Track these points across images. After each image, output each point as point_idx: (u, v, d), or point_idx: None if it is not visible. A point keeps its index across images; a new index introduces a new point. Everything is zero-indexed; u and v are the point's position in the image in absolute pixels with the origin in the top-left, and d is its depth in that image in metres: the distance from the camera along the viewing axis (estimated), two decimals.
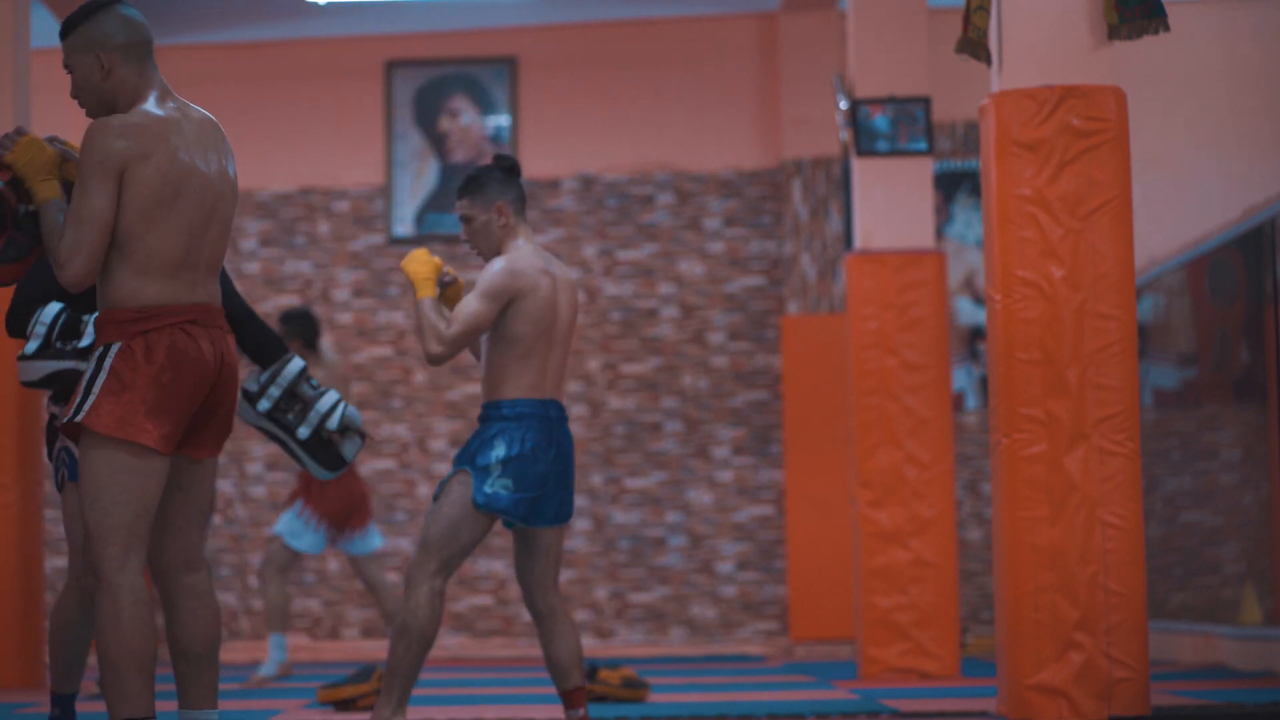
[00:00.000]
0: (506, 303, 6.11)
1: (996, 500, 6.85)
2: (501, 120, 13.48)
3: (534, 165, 13.48)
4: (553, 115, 13.53)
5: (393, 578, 12.66)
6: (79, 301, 5.65)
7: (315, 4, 12.92)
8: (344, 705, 8.08)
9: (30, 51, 10.39)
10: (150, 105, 4.75)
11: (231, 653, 13.10)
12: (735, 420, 13.32)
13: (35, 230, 4.81)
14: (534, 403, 6.07)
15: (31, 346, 5.67)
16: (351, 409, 5.76)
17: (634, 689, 8.32)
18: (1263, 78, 13.10)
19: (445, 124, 13.44)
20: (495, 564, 13.24)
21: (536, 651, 13.04)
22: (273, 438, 5.72)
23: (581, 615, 13.27)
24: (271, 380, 5.71)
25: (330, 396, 5.72)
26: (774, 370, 13.35)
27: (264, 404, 5.68)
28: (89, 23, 4.79)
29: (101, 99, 4.77)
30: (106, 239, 4.63)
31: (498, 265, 6.14)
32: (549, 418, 6.09)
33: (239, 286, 13.32)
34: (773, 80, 13.42)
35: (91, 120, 4.73)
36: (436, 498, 6.14)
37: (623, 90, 13.49)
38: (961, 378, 13.29)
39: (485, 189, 6.24)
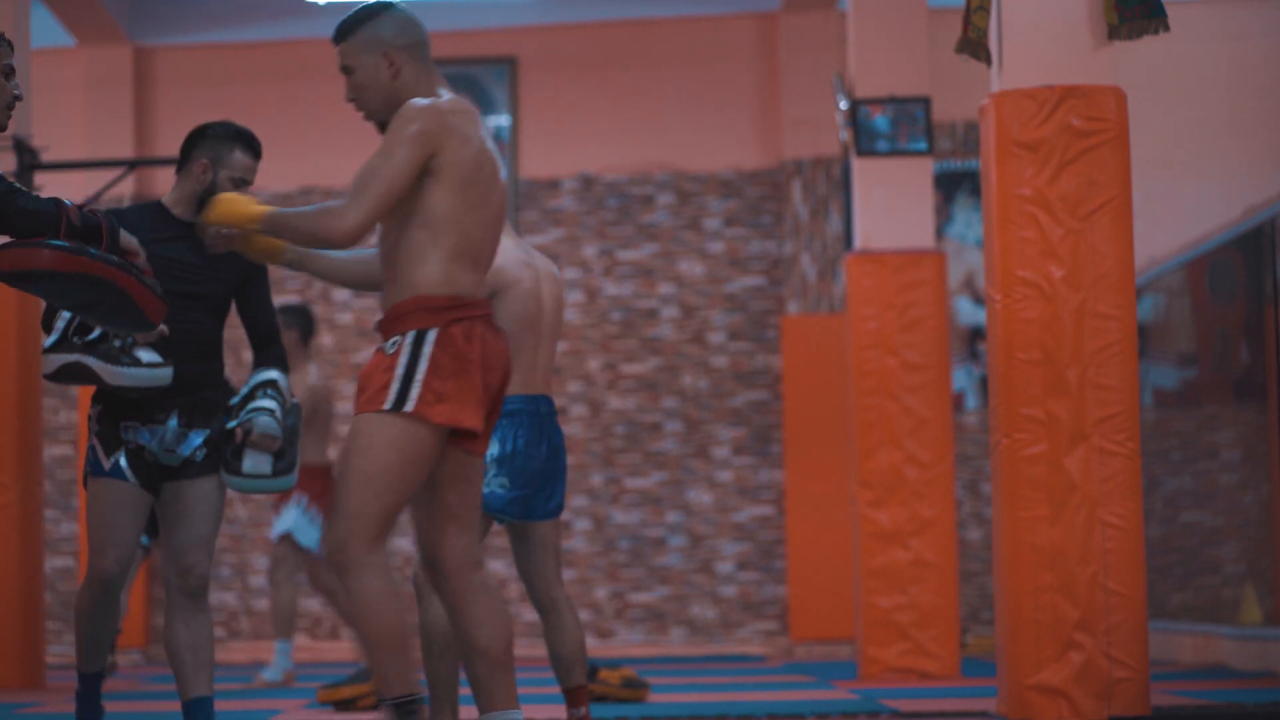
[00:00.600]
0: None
1: (996, 500, 6.85)
2: (501, 120, 13.48)
3: (534, 165, 13.48)
4: (553, 115, 13.53)
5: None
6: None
7: (315, 4, 12.91)
8: (344, 705, 8.08)
9: (30, 51, 10.39)
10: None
11: (231, 653, 13.11)
12: (735, 420, 13.32)
13: (85, 250, 4.87)
14: (524, 398, 6.02)
15: (49, 340, 5.72)
16: (267, 420, 5.70)
17: (634, 689, 8.32)
18: (1263, 78, 13.10)
19: None
20: (495, 564, 13.23)
21: (537, 651, 13.04)
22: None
23: (582, 615, 13.26)
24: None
25: (265, 403, 5.73)
26: (774, 370, 13.35)
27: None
28: (372, 24, 4.83)
29: (389, 98, 4.82)
30: (390, 205, 4.64)
31: None
32: (539, 413, 6.04)
33: None
34: (773, 80, 13.42)
35: (372, 120, 4.81)
36: None
37: (623, 90, 13.50)
38: (961, 378, 13.30)
39: None
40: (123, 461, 5.85)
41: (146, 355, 5.85)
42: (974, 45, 7.05)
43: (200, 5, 13.37)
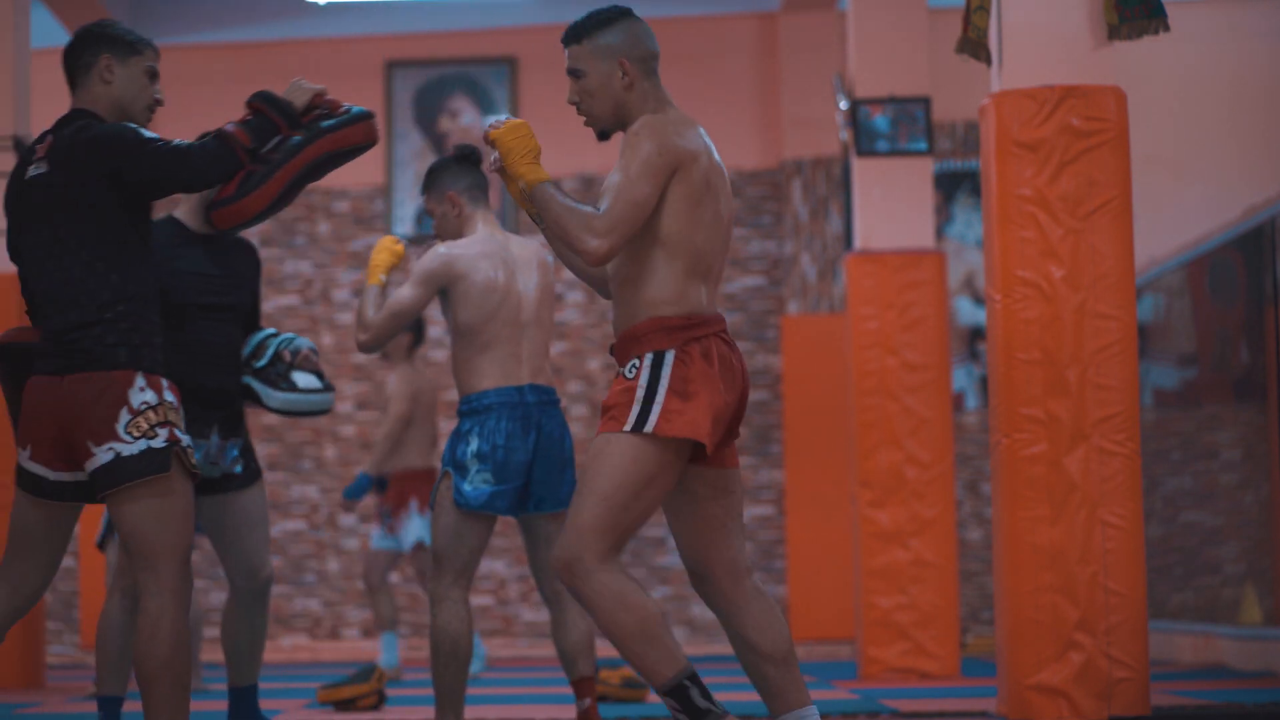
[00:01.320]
0: (439, 289, 6.03)
1: (996, 500, 6.85)
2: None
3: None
4: (553, 115, 13.51)
5: (394, 577, 12.68)
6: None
7: (315, 4, 12.92)
8: (344, 705, 8.08)
9: (30, 51, 10.38)
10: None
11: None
12: None
13: (274, 162, 4.98)
14: (506, 390, 5.95)
15: None
16: (303, 340, 6.02)
17: (634, 689, 8.32)
18: (1263, 78, 13.10)
19: (445, 124, 13.44)
20: (495, 564, 13.23)
21: (537, 651, 13.04)
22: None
23: None
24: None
25: (286, 335, 6.05)
26: (774, 370, 13.35)
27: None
28: (610, 30, 4.81)
29: (618, 107, 4.81)
30: (638, 229, 4.67)
31: (431, 252, 6.10)
32: (525, 404, 5.96)
33: None
34: (773, 80, 13.42)
35: (593, 127, 4.83)
36: (432, 506, 6.09)
37: None
38: (961, 378, 13.30)
39: (438, 182, 6.22)
40: None
41: (304, 380, 5.94)
42: (974, 45, 7.05)
43: (200, 5, 13.37)
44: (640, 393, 4.65)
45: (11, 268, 10.14)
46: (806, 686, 4.76)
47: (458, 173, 6.17)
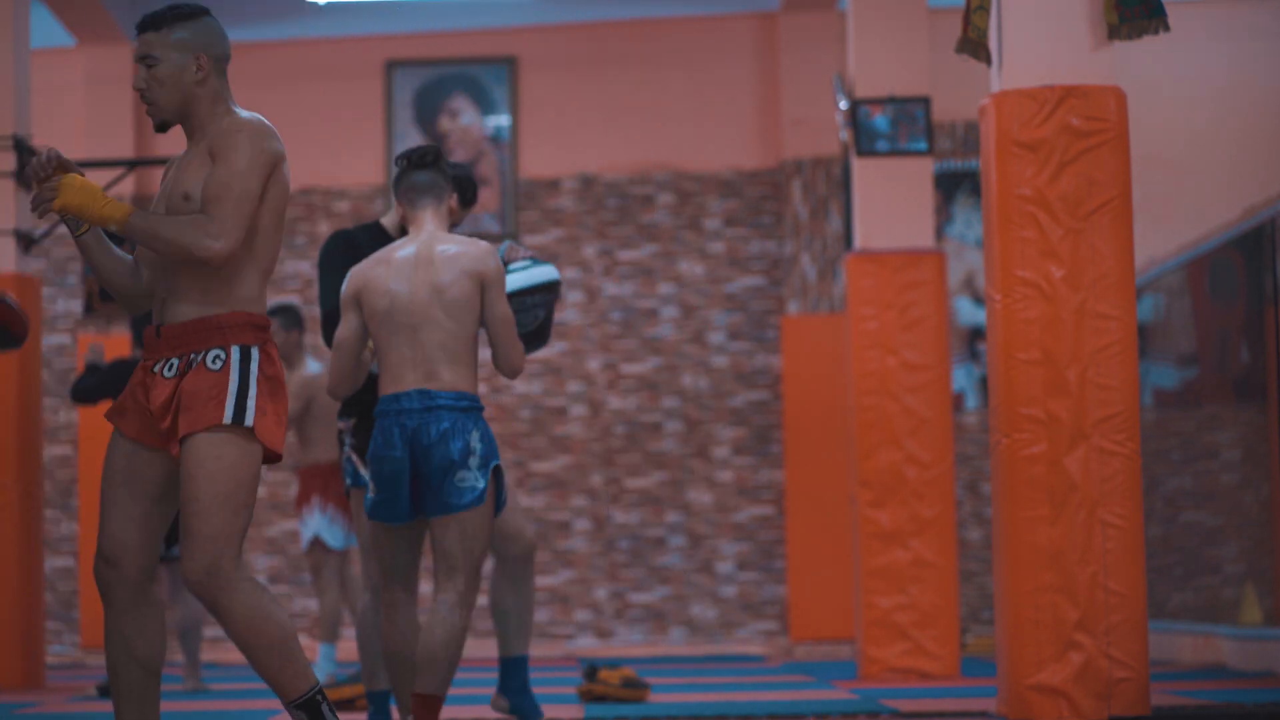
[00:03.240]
0: (357, 306, 5.96)
1: (996, 500, 6.85)
2: (501, 120, 13.48)
3: (534, 165, 13.48)
4: (552, 115, 13.54)
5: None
6: None
7: (315, 4, 12.91)
8: (344, 705, 8.08)
9: (30, 51, 10.38)
10: None
11: (231, 653, 13.10)
12: (735, 420, 13.32)
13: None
14: (385, 398, 5.86)
15: None
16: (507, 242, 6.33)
17: (634, 689, 8.32)
18: (1262, 77, 13.11)
19: (445, 124, 13.44)
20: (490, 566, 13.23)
21: (537, 651, 13.04)
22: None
23: (582, 615, 13.28)
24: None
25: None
26: (774, 370, 13.35)
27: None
28: (190, 24, 4.84)
29: (185, 101, 4.84)
30: (250, 223, 4.78)
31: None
32: (401, 410, 5.83)
33: None
34: (773, 80, 13.42)
35: None
36: None
37: (623, 90, 13.49)
38: (961, 378, 13.29)
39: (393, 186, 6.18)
40: None
41: (517, 266, 6.41)
42: (974, 45, 7.05)
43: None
44: (233, 388, 4.67)
45: (12, 267, 10.14)
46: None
47: (398, 178, 6.12)
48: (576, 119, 13.52)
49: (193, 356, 4.70)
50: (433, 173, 6.03)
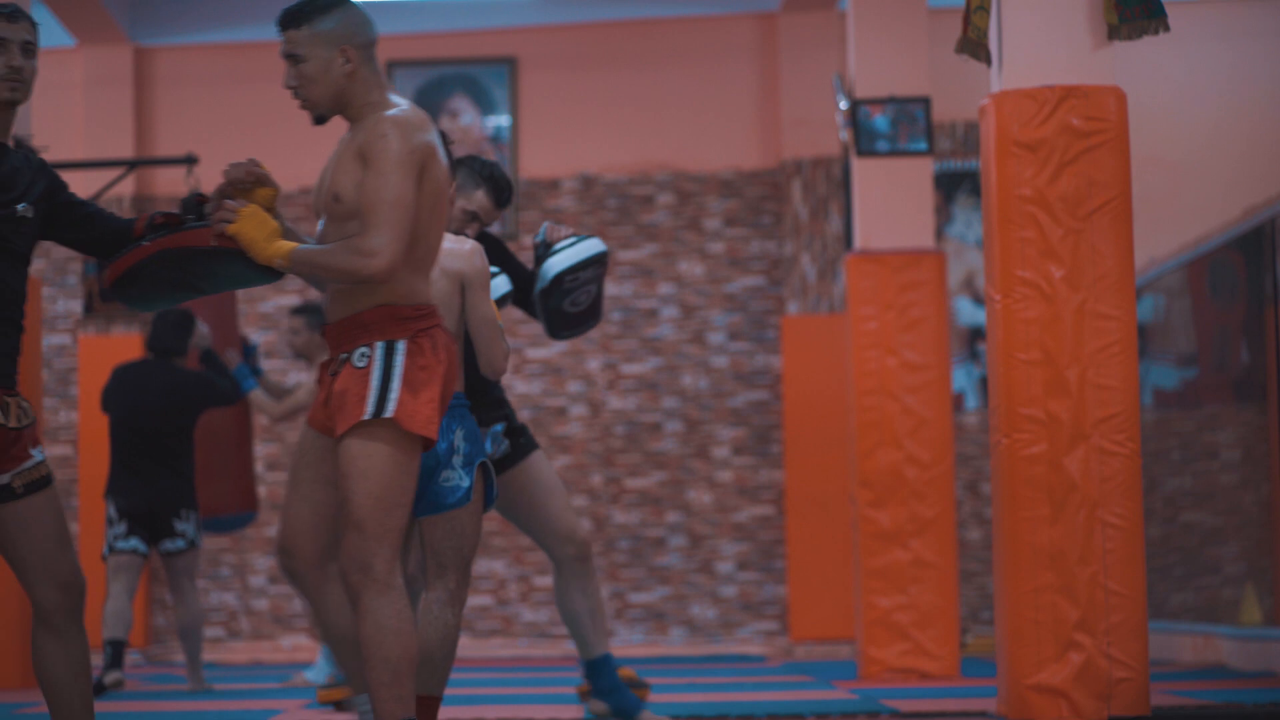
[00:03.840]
0: None
1: (996, 500, 6.85)
2: (501, 120, 13.48)
3: (534, 165, 13.48)
4: (552, 115, 13.54)
5: None
6: None
7: None
8: (344, 705, 8.08)
9: None
10: None
11: (231, 653, 13.11)
12: (735, 420, 13.32)
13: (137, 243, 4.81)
14: None
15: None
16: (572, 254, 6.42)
17: (634, 689, 8.31)
18: (1262, 77, 13.10)
19: (445, 124, 13.44)
20: (494, 564, 13.24)
21: (537, 651, 13.04)
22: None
23: None
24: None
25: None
26: (774, 370, 13.35)
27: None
28: (329, 17, 4.92)
29: (338, 95, 4.92)
30: (410, 228, 4.78)
31: None
32: None
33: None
34: (773, 80, 13.42)
35: None
36: None
37: (623, 90, 13.50)
38: (961, 378, 13.30)
39: None
40: None
41: (561, 245, 6.61)
42: (974, 45, 7.05)
43: (200, 5, 13.37)
44: (375, 383, 4.66)
45: None
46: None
47: None
48: (576, 119, 13.52)
49: (344, 356, 4.73)
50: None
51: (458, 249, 5.88)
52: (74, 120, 13.38)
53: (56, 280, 13.62)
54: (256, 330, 13.37)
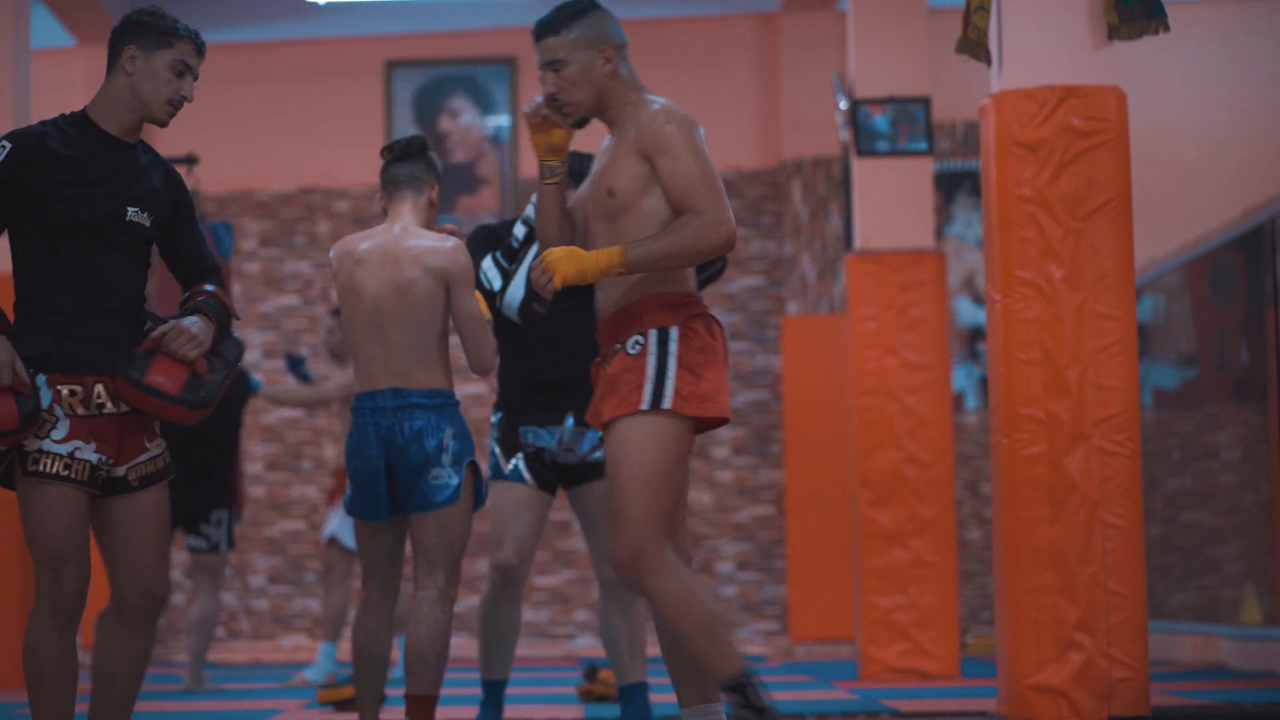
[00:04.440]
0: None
1: (996, 500, 6.85)
2: (501, 120, 13.48)
3: (534, 165, 13.48)
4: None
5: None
6: None
7: (315, 4, 12.92)
8: (344, 705, 8.08)
9: (30, 51, 10.38)
10: None
11: (232, 653, 13.11)
12: (735, 420, 13.32)
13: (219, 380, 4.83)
14: (361, 396, 5.87)
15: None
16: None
17: None
18: (1263, 77, 13.10)
19: (445, 124, 13.44)
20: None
21: (537, 651, 13.04)
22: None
23: (582, 615, 13.27)
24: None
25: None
26: (774, 370, 13.34)
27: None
28: (589, 19, 4.94)
29: (600, 95, 4.97)
30: None
31: None
32: (375, 409, 5.82)
33: (238, 287, 13.32)
34: (773, 80, 13.41)
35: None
36: None
37: None
38: (961, 378, 13.29)
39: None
40: (520, 464, 6.37)
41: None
42: (974, 45, 7.05)
43: (200, 5, 13.37)
44: (650, 371, 4.71)
45: (8, 266, 10.13)
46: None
47: (383, 169, 6.09)
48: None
49: (617, 346, 4.79)
50: (413, 164, 6.00)
51: (440, 247, 5.88)
52: None
53: None
54: (256, 330, 13.38)
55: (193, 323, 4.76)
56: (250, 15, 13.19)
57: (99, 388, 4.66)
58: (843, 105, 10.13)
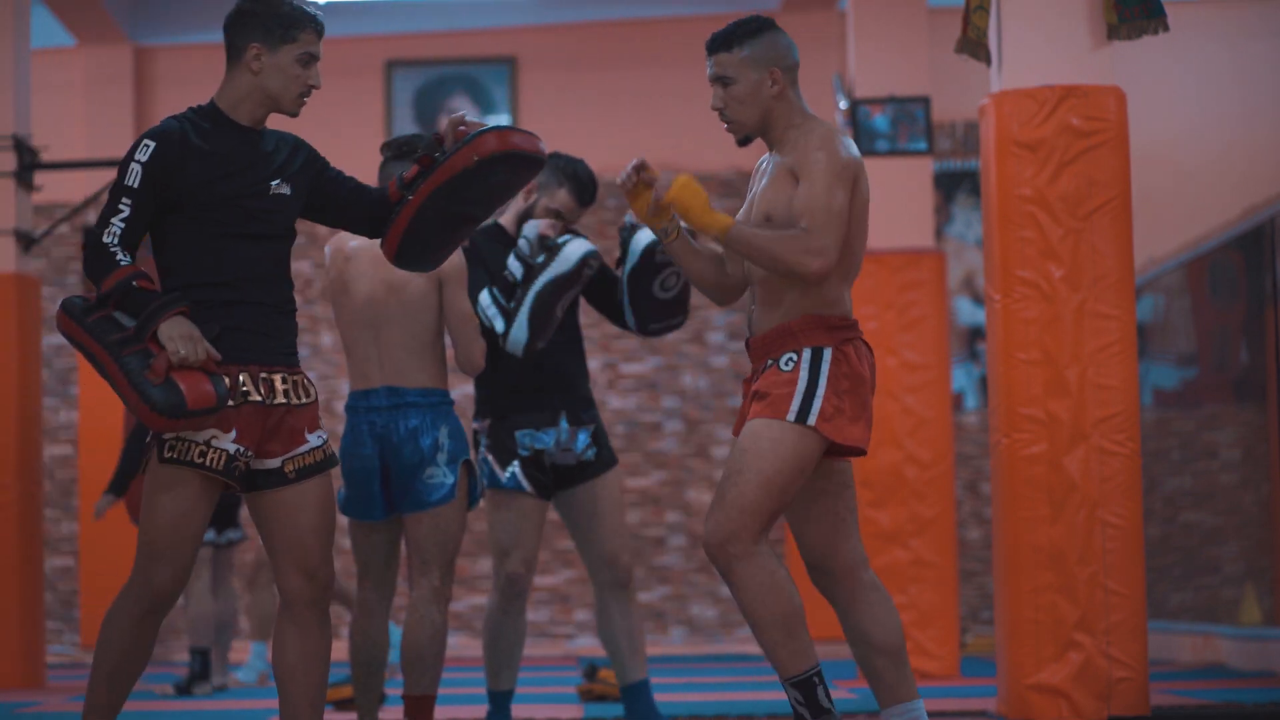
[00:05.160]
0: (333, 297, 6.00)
1: (996, 500, 6.85)
2: (501, 120, 13.48)
3: None
4: (552, 115, 13.53)
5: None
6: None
7: (315, 4, 12.91)
8: (344, 705, 8.08)
9: (30, 51, 10.39)
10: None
11: (231, 653, 13.09)
12: (735, 420, 13.32)
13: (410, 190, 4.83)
14: (355, 395, 5.88)
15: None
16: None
17: None
18: (1262, 77, 13.11)
19: (445, 124, 13.45)
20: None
21: (537, 651, 13.04)
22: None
23: (582, 615, 13.28)
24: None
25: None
26: None
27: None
28: (761, 39, 4.96)
29: (765, 114, 5.04)
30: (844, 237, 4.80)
31: None
32: (371, 408, 5.83)
33: None
34: None
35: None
36: None
37: (622, 90, 13.49)
38: (961, 378, 13.29)
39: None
40: (518, 471, 6.27)
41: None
42: (974, 45, 7.05)
43: (200, 5, 13.38)
44: (801, 386, 4.73)
45: (12, 267, 10.13)
46: (914, 681, 4.86)
47: (381, 168, 6.10)
48: (576, 119, 13.51)
49: (770, 361, 4.81)
50: (407, 164, 6.01)
51: None
52: (74, 120, 13.38)
53: (56, 280, 13.61)
54: None
55: None
56: None
57: (243, 376, 4.62)
58: (843, 105, 10.13)
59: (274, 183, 4.70)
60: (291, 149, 4.81)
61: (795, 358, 4.77)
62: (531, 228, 6.37)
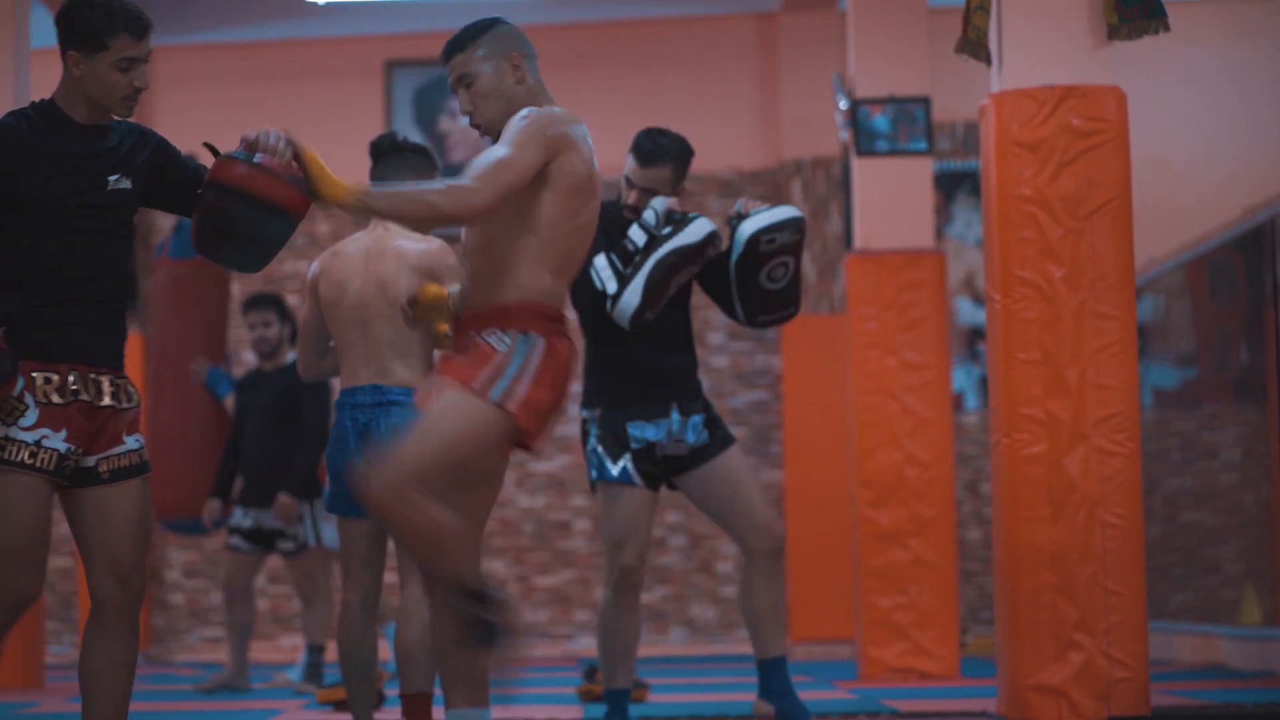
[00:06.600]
0: (315, 294, 5.97)
1: (996, 500, 6.85)
2: None
3: None
4: None
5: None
6: None
7: (315, 4, 12.92)
8: (343, 705, 8.09)
9: (30, 51, 10.38)
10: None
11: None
12: (735, 420, 13.32)
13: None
14: (344, 393, 5.89)
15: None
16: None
17: (634, 689, 8.32)
18: (1263, 78, 13.10)
19: (445, 124, 13.44)
20: (495, 563, 13.23)
21: (537, 651, 13.04)
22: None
23: (582, 615, 13.27)
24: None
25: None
26: (774, 370, 13.34)
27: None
28: (493, 32, 5.02)
29: (510, 104, 4.91)
30: (513, 190, 4.66)
31: None
32: (357, 405, 5.85)
33: (236, 288, 13.32)
34: (773, 80, 13.41)
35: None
36: None
37: (623, 90, 13.49)
38: (961, 378, 13.30)
39: None
40: (629, 465, 6.38)
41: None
42: (974, 45, 7.05)
43: (200, 5, 13.37)
44: (508, 367, 4.68)
45: None
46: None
47: (370, 170, 6.11)
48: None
49: (474, 335, 4.76)
50: (387, 165, 6.01)
51: (426, 247, 5.90)
52: None
53: None
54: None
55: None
56: (250, 15, 13.19)
57: (73, 375, 4.60)
58: (843, 105, 10.13)
59: (112, 178, 4.67)
60: (137, 140, 4.77)
61: (507, 341, 4.72)
62: (661, 201, 6.39)
